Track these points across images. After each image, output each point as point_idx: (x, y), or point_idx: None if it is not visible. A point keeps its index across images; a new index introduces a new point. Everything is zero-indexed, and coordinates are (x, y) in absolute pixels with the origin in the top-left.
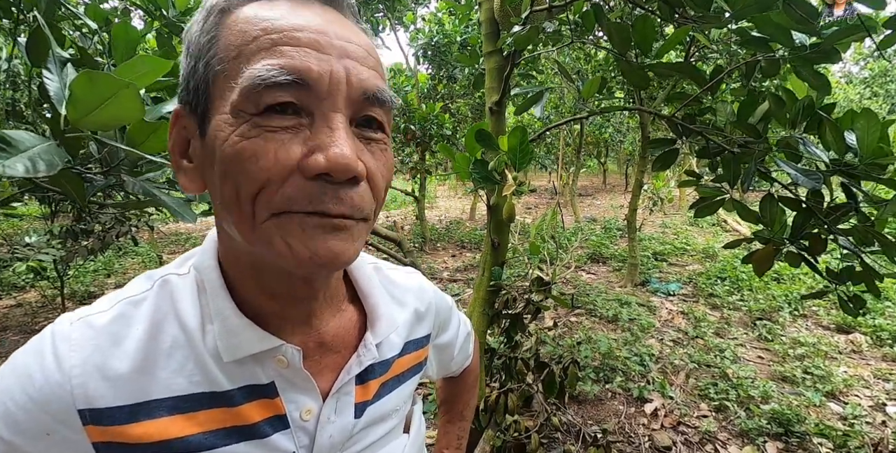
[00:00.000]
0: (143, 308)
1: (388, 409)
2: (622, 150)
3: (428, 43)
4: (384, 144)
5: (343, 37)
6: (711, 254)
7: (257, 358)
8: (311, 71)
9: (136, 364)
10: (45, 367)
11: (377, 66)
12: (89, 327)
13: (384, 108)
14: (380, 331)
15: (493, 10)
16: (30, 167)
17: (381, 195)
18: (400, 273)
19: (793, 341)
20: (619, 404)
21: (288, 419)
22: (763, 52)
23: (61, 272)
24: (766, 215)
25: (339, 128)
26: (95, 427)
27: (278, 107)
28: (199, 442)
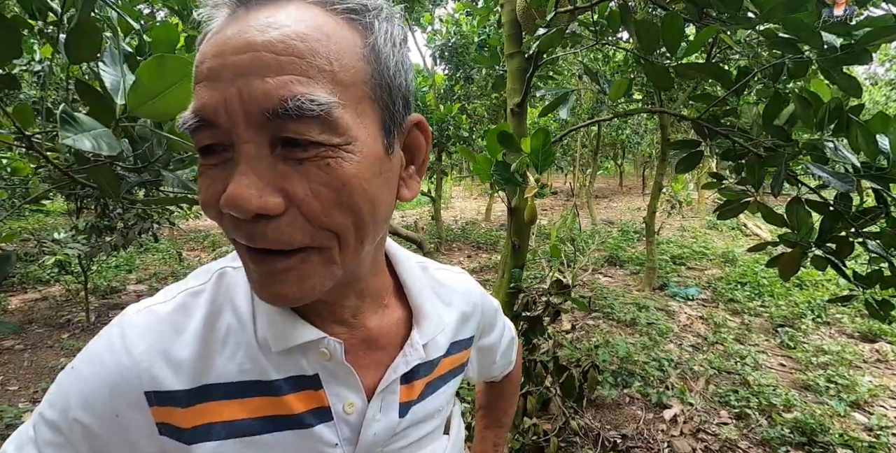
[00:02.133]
0: (202, 298)
1: (431, 409)
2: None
3: (445, 44)
4: (328, 155)
5: (247, 45)
6: (731, 258)
7: (302, 350)
8: (206, 107)
9: (195, 350)
10: (115, 353)
11: (296, 63)
12: (154, 316)
13: (309, 119)
14: (427, 331)
15: (515, 11)
16: (95, 145)
17: (334, 215)
18: (447, 273)
19: (816, 349)
20: (637, 409)
21: (331, 411)
22: (790, 54)
23: (85, 267)
24: (792, 218)
25: (239, 163)
26: (160, 408)
27: (207, 148)
28: (247, 426)
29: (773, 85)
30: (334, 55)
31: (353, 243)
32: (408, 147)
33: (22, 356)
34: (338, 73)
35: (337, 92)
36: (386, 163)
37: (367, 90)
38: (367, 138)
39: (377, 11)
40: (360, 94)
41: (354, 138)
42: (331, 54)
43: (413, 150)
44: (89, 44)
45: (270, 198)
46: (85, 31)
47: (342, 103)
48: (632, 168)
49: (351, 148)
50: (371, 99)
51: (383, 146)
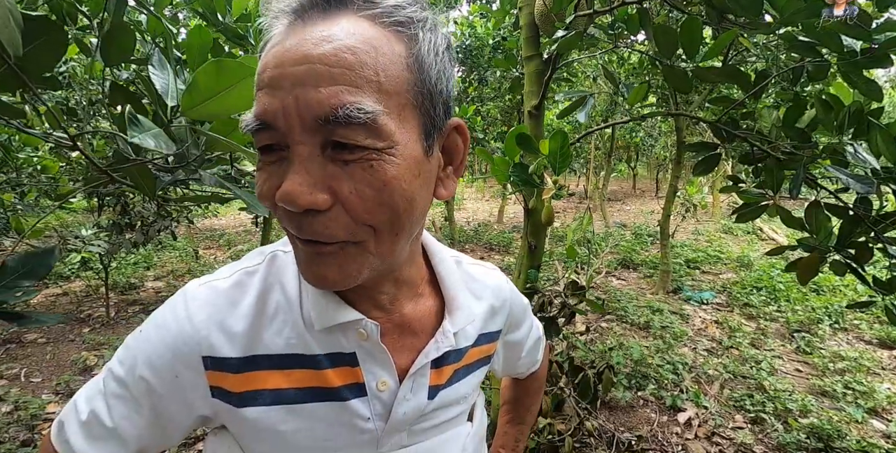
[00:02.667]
0: (256, 277)
1: (458, 395)
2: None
3: (460, 46)
4: (372, 157)
5: (299, 58)
6: (746, 262)
7: (342, 329)
8: (267, 113)
9: (247, 323)
10: (179, 320)
11: (346, 75)
12: (213, 290)
13: (354, 125)
14: (458, 321)
15: (533, 15)
16: (157, 143)
17: (375, 212)
18: (480, 269)
19: (833, 355)
20: (651, 412)
21: (366, 387)
22: (810, 57)
23: (106, 264)
24: (811, 222)
25: (293, 162)
26: (214, 372)
27: (266, 147)
28: (291, 395)
29: (792, 88)
30: (381, 66)
31: (390, 237)
32: (447, 149)
33: (44, 349)
34: (384, 83)
35: (382, 100)
36: (425, 165)
37: (410, 97)
38: (408, 142)
39: (422, 23)
40: (403, 102)
41: (396, 142)
42: (378, 65)
43: (451, 152)
44: (123, 46)
45: (319, 195)
46: (118, 34)
47: (386, 111)
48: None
49: (393, 151)
50: (413, 105)
51: (423, 149)
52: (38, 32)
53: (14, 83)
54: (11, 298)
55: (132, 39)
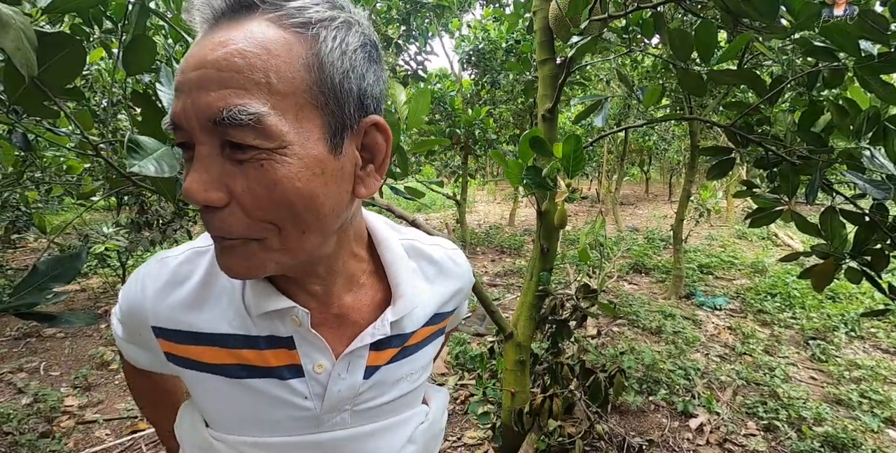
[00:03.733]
0: (205, 258)
1: (402, 373)
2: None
3: (473, 49)
4: (262, 157)
5: (201, 63)
6: (761, 268)
7: (278, 315)
8: (174, 113)
9: (192, 301)
10: (136, 291)
11: (234, 78)
12: (165, 266)
13: (243, 126)
14: (399, 309)
15: (547, 19)
16: (158, 168)
17: (268, 210)
18: (439, 250)
19: (849, 363)
20: (662, 417)
21: (303, 369)
22: (826, 62)
23: (123, 261)
24: (826, 229)
25: (195, 161)
26: (163, 340)
27: (181, 144)
28: (233, 371)
29: (808, 93)
30: (273, 68)
31: (296, 234)
32: (365, 147)
33: (63, 343)
34: (275, 85)
35: (272, 101)
36: (330, 163)
37: (308, 97)
38: (304, 142)
39: (326, 22)
40: (301, 102)
41: (289, 142)
42: (269, 68)
43: (372, 150)
44: (144, 57)
45: (213, 193)
46: (139, 45)
47: (277, 112)
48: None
49: (285, 151)
50: (313, 105)
51: (328, 147)
52: (55, 48)
53: (37, 97)
54: (42, 300)
55: (153, 50)
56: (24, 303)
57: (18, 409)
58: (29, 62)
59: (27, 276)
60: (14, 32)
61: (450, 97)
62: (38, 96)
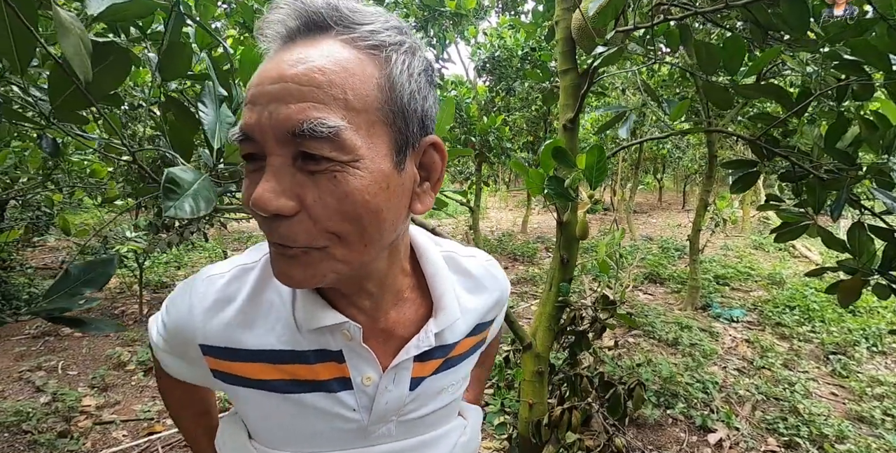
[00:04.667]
0: (252, 275)
1: (445, 384)
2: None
3: (489, 57)
4: (336, 169)
5: (276, 77)
6: (778, 280)
7: (329, 330)
8: (248, 126)
9: (241, 320)
10: (181, 310)
11: (314, 93)
12: (212, 285)
13: (321, 139)
14: (441, 321)
15: (570, 29)
16: (194, 207)
17: (336, 220)
18: (474, 262)
19: (871, 379)
20: (680, 431)
21: (352, 382)
22: (855, 75)
23: (141, 262)
24: (853, 244)
25: (267, 171)
26: (210, 358)
27: (248, 156)
28: (281, 386)
29: (836, 106)
30: (350, 85)
31: (357, 246)
32: (423, 165)
33: (81, 343)
34: (351, 101)
35: (348, 116)
36: (394, 179)
37: (380, 115)
38: (374, 157)
39: (396, 46)
40: (372, 119)
41: (362, 157)
42: (346, 85)
43: (428, 169)
44: (179, 63)
45: (285, 202)
46: (175, 52)
47: (352, 126)
48: (672, 183)
49: (357, 164)
50: (383, 122)
51: (393, 163)
52: (104, 55)
53: (80, 102)
54: (74, 305)
55: (189, 56)
56: (57, 308)
57: (37, 408)
58: (85, 68)
59: (59, 280)
60: (74, 38)
61: (465, 104)
62: (81, 102)
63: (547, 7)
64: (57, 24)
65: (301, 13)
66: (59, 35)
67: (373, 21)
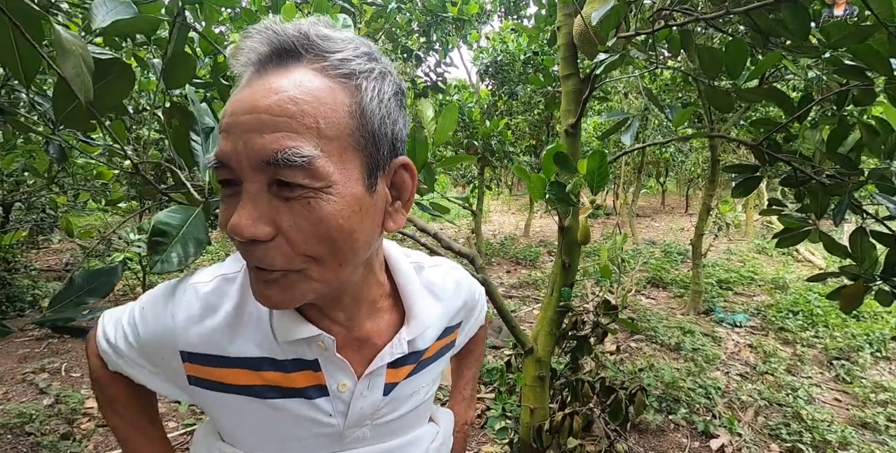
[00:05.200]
0: (234, 286)
1: (416, 386)
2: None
3: (492, 61)
4: (309, 195)
5: (249, 107)
6: (782, 285)
7: (305, 341)
8: (223, 153)
9: (222, 328)
10: (164, 316)
11: (287, 123)
12: (195, 293)
13: (295, 167)
14: (413, 329)
15: (571, 34)
16: (182, 256)
17: (312, 244)
18: (440, 271)
19: (875, 385)
20: (682, 437)
21: (328, 389)
22: (856, 81)
23: (144, 264)
24: (855, 250)
25: (244, 197)
26: (189, 364)
27: (224, 181)
28: (260, 391)
29: (837, 111)
30: (321, 114)
31: (332, 266)
32: (395, 185)
33: (83, 345)
34: (323, 129)
35: (321, 145)
36: (366, 200)
37: (351, 141)
38: (347, 181)
39: (367, 73)
40: (343, 145)
41: (334, 182)
42: (318, 114)
43: (399, 188)
44: (184, 72)
45: (261, 227)
46: (180, 61)
47: (325, 154)
48: (674, 186)
49: (330, 190)
50: (354, 147)
51: (364, 186)
52: (107, 71)
53: (84, 116)
54: (79, 315)
55: (192, 65)
56: (62, 317)
57: (40, 410)
58: (86, 87)
59: (63, 289)
60: (74, 59)
61: (468, 108)
62: (85, 115)
63: (549, 12)
64: (57, 45)
65: (272, 41)
66: (59, 56)
67: (343, 48)
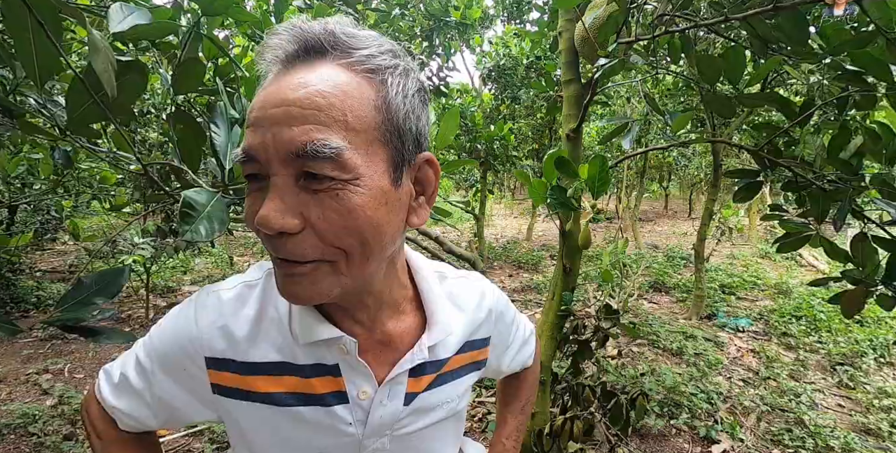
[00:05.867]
0: (255, 292)
1: (438, 400)
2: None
3: (495, 65)
4: (338, 187)
5: (278, 101)
6: (785, 289)
7: (326, 344)
8: (251, 147)
9: (245, 332)
10: (189, 323)
11: (316, 115)
12: (218, 299)
13: (323, 159)
14: (434, 335)
15: (573, 39)
16: (208, 230)
17: (341, 235)
18: (463, 283)
19: (878, 391)
20: (683, 442)
21: (348, 396)
22: (857, 86)
23: (148, 267)
24: (857, 254)
25: (271, 190)
26: (214, 371)
27: (250, 176)
28: (280, 398)
29: (839, 117)
30: (349, 107)
31: (360, 259)
32: (418, 180)
33: (87, 347)
34: (350, 122)
35: (349, 137)
36: (392, 194)
37: (378, 134)
38: (373, 174)
39: (391, 69)
40: (370, 138)
41: (362, 175)
42: (345, 107)
43: (423, 183)
44: (193, 78)
45: (290, 220)
46: (190, 67)
47: (352, 146)
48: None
49: (358, 182)
50: (381, 141)
51: (390, 180)
52: (123, 71)
53: (97, 116)
54: (87, 315)
55: (202, 72)
56: (71, 317)
57: (44, 411)
58: (111, 83)
59: (72, 290)
60: (102, 55)
61: (470, 112)
62: (97, 115)
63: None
64: (90, 42)
65: (299, 38)
66: (91, 53)
67: (368, 45)
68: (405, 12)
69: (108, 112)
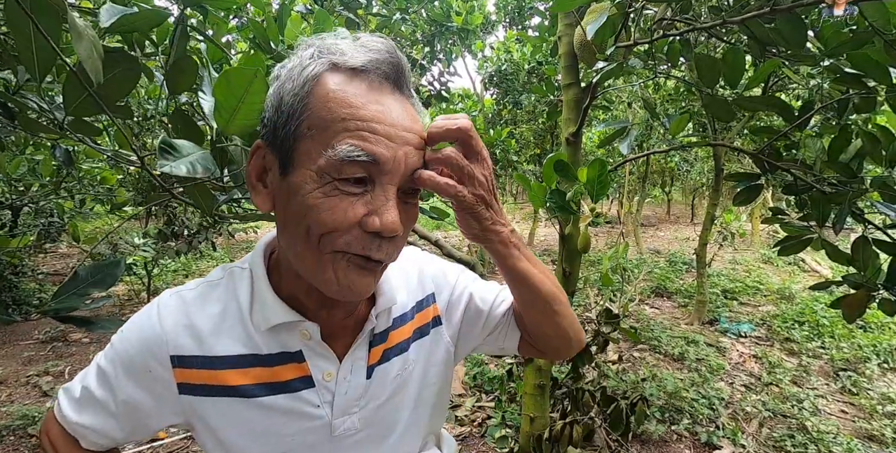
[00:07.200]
0: (218, 290)
1: (398, 368)
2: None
3: (496, 70)
4: (415, 201)
5: (406, 127)
6: (787, 295)
7: (286, 329)
8: (383, 155)
9: (210, 328)
10: (152, 324)
11: (421, 144)
12: (181, 299)
13: None
14: (380, 304)
15: (572, 44)
16: (191, 169)
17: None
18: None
19: (882, 396)
20: (685, 448)
21: (313, 379)
22: (856, 88)
23: (149, 270)
24: (858, 258)
25: (392, 199)
26: (180, 369)
27: (346, 177)
28: (247, 390)
29: (838, 120)
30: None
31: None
32: None
33: (88, 348)
34: None
35: None
36: None
37: None
38: None
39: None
40: None
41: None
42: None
43: None
44: (186, 77)
45: (400, 226)
46: (182, 66)
47: None
48: (680, 196)
49: (418, 200)
50: None
51: None
52: (114, 63)
53: (92, 109)
54: (81, 305)
55: (195, 70)
56: (64, 307)
57: (43, 413)
58: (97, 70)
59: (68, 281)
60: (87, 42)
61: (472, 117)
62: (93, 108)
63: (552, 22)
64: (72, 28)
65: (398, 70)
66: (74, 39)
67: (411, 84)
68: (406, 17)
69: (101, 102)
